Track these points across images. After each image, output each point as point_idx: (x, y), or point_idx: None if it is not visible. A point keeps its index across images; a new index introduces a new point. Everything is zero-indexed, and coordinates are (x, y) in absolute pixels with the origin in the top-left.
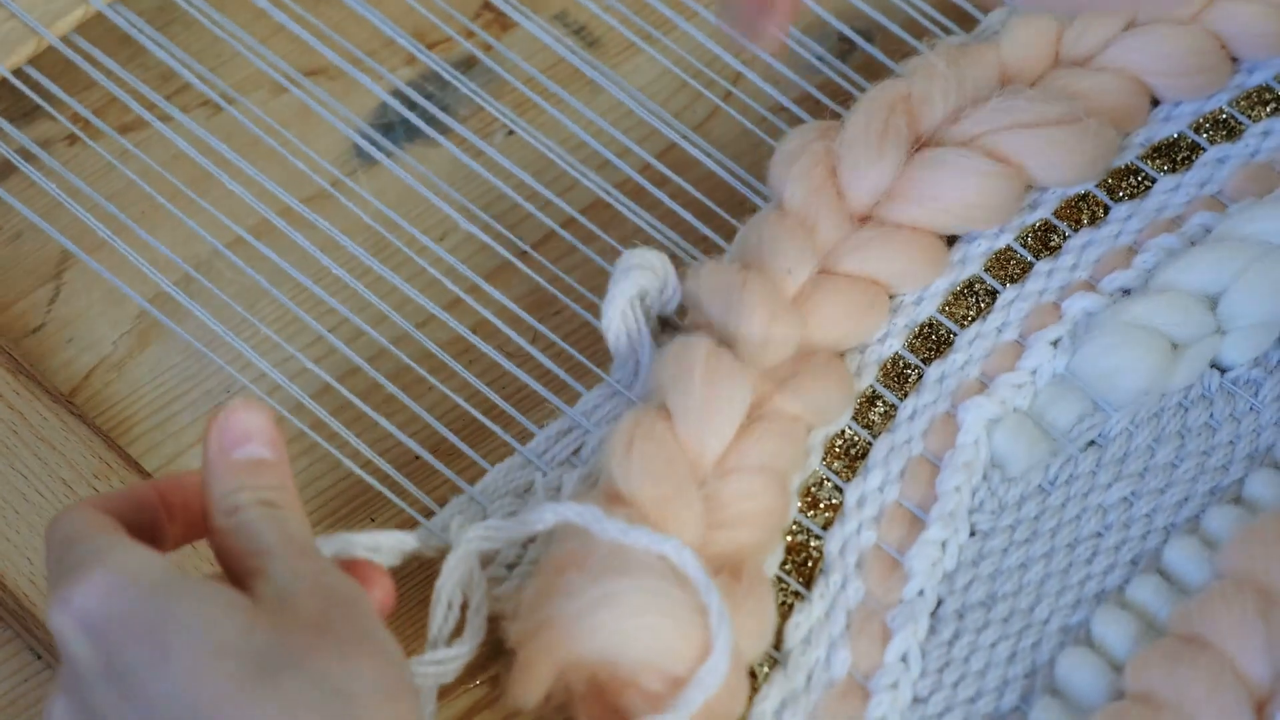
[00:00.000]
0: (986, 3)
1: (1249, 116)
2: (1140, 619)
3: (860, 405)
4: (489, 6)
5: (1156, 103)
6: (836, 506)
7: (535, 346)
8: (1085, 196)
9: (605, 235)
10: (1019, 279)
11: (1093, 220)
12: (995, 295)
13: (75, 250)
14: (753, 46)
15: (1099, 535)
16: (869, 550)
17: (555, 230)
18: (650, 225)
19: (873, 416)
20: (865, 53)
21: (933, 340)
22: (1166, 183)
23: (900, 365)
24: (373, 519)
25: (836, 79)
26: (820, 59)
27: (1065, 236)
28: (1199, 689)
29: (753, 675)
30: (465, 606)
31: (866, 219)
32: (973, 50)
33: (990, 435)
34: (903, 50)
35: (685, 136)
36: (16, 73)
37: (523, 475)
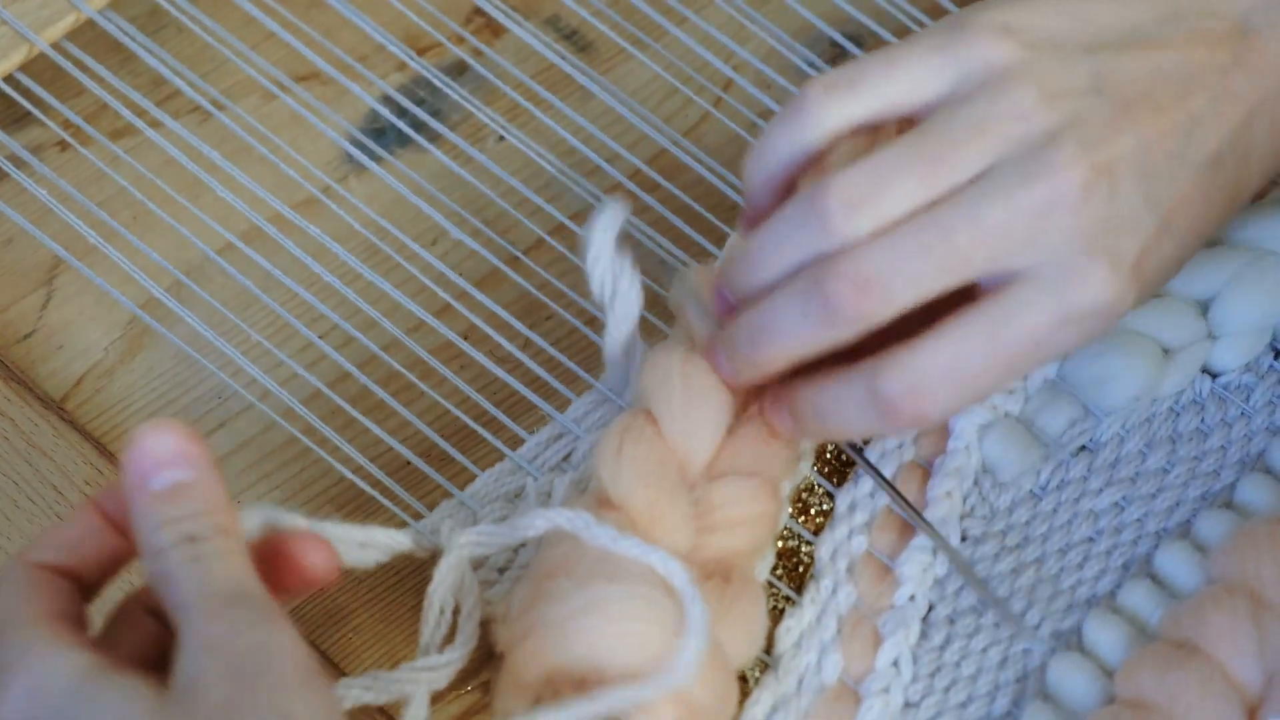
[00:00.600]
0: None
1: None
2: (1131, 624)
3: None
4: (480, 12)
5: None
6: (827, 512)
7: (526, 352)
8: None
9: None
10: None
11: None
12: None
13: (66, 256)
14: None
15: (1090, 540)
16: (860, 556)
17: (545, 237)
18: (640, 231)
19: None
20: (855, 58)
21: None
22: None
23: None
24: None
25: None
26: (810, 64)
27: None
28: (1190, 694)
29: (744, 679)
30: (457, 612)
31: None
32: None
33: (981, 440)
34: None
35: (676, 142)
36: (7, 79)
37: (513, 480)
